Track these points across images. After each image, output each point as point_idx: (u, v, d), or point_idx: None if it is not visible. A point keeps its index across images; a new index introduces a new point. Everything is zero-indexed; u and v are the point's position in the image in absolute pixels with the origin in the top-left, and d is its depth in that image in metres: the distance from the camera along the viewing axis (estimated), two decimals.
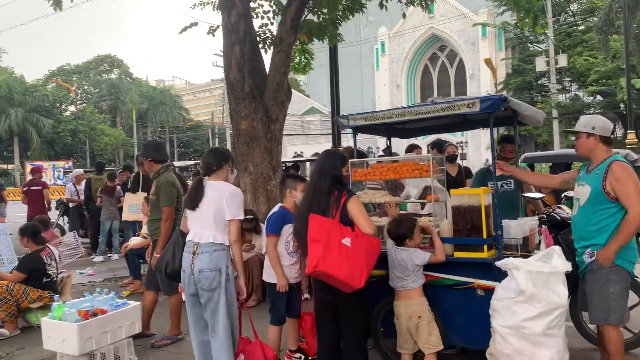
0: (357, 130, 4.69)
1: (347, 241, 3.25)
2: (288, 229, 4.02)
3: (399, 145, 8.65)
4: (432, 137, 7.31)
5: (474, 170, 6.67)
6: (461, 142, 33.35)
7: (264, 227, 6.44)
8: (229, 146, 41.11)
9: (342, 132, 11.68)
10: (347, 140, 24.36)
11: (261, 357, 3.74)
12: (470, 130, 5.87)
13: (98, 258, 9.63)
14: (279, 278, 3.95)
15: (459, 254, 3.74)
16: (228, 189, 3.61)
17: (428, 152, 6.08)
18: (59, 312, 4.31)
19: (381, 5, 8.27)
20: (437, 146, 6.05)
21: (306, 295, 5.24)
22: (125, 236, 9.42)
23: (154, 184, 4.97)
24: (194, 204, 3.61)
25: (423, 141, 7.22)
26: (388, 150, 5.41)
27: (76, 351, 4.09)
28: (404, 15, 10.16)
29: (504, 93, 31.60)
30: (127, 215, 8.93)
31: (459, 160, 6.90)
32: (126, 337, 4.45)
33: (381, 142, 23.51)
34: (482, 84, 36.42)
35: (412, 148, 6.38)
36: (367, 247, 3.29)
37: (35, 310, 5.46)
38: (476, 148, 36.00)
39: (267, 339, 4.10)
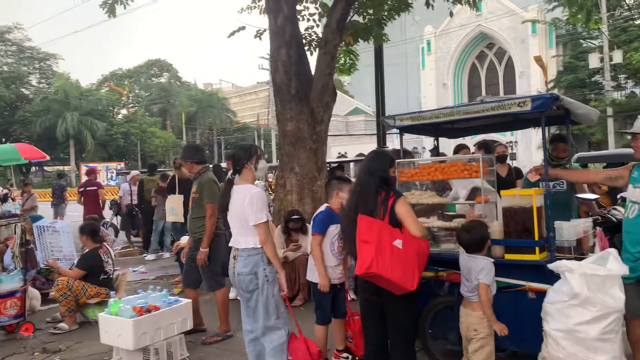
0: (403, 130, 4.67)
1: (398, 243, 3.22)
2: (333, 230, 4.04)
3: (446, 145, 8.54)
4: (480, 137, 7.15)
5: (524, 171, 6.50)
6: (511, 142, 32.55)
7: (310, 227, 6.51)
8: (274, 147, 41.55)
9: (387, 132, 11.62)
10: (392, 141, 24.16)
11: (305, 352, 3.76)
12: (520, 129, 5.75)
13: (150, 256, 9.93)
14: (321, 277, 3.97)
15: (509, 256, 3.67)
16: (249, 193, 3.62)
17: (474, 152, 5.95)
18: (115, 307, 4.48)
19: (427, 4, 8.19)
20: (484, 146, 5.92)
21: (352, 296, 5.26)
22: (174, 235, 9.67)
23: (195, 184, 5.15)
24: (223, 207, 3.74)
25: (470, 141, 7.08)
26: (435, 151, 5.36)
27: (131, 346, 4.24)
28: (451, 14, 10.04)
29: (555, 91, 30.63)
30: (168, 217, 9.17)
31: (508, 161, 6.75)
32: (178, 333, 4.58)
33: (427, 142, 23.24)
34: (532, 82, 35.43)
35: (460, 148, 6.27)
36: (418, 249, 3.26)
37: (93, 306, 5.69)
38: (526, 148, 35.03)
39: (314, 339, 4.14)
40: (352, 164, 14.59)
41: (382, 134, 11.37)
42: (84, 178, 13.27)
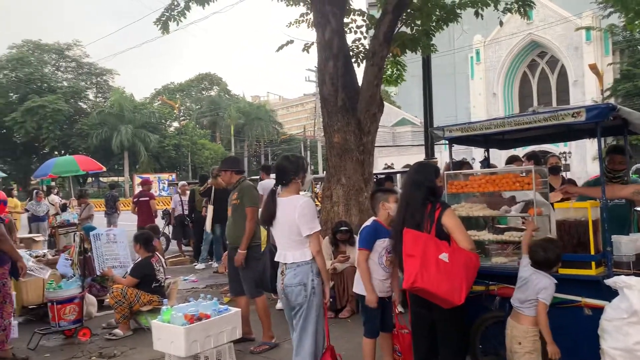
0: (452, 141, 4.62)
1: (444, 256, 3.18)
2: (381, 244, 4.01)
3: (497, 156, 8.38)
4: (532, 148, 6.97)
5: (579, 183, 6.30)
6: (564, 153, 31.48)
7: (357, 238, 6.50)
8: (320, 159, 41.75)
9: (435, 143, 11.50)
10: (440, 152, 23.87)
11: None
12: (574, 140, 5.58)
13: (200, 265, 10.15)
14: (369, 293, 3.92)
15: (564, 271, 3.55)
16: (298, 203, 3.58)
17: (525, 164, 5.80)
18: (167, 315, 4.60)
19: (477, 14, 8.10)
20: (533, 158, 5.76)
21: (400, 309, 5.21)
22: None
23: (235, 191, 5.30)
24: (268, 221, 3.71)
25: (522, 152, 6.91)
26: (486, 162, 5.27)
27: (183, 353, 4.33)
28: (500, 23, 9.88)
29: (612, 100, 29.49)
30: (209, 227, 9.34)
31: (562, 172, 6.55)
32: (228, 341, 4.66)
33: (476, 153, 22.81)
34: (587, 90, 34.23)
35: (512, 160, 6.13)
36: (466, 263, 3.21)
37: (146, 313, 5.86)
38: (581, 159, 33.80)
39: (363, 352, 4.13)
40: (399, 176, 14.48)
41: (430, 145, 11.26)
42: (137, 188, 13.71)
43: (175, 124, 55.81)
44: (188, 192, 11.59)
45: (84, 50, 50.16)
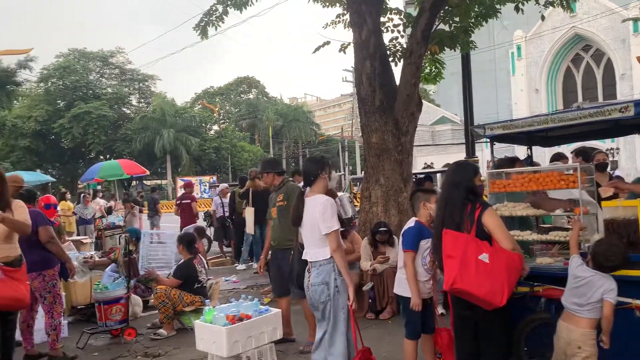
0: (494, 139, 4.53)
1: (484, 257, 3.13)
2: (424, 244, 3.97)
3: (540, 153, 8.17)
4: (576, 145, 6.75)
5: (627, 180, 6.06)
6: (612, 149, 30.38)
7: (396, 239, 6.45)
8: (358, 159, 41.66)
9: (476, 141, 11.29)
10: (481, 150, 23.42)
11: None
12: (622, 136, 5.38)
13: (241, 266, 10.27)
14: (414, 297, 3.88)
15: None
16: (319, 202, 3.65)
17: (573, 160, 5.62)
18: (209, 315, 4.67)
19: (517, 9, 7.91)
20: (582, 154, 5.57)
21: (441, 311, 5.14)
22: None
23: (279, 193, 5.31)
24: (297, 221, 3.80)
25: (566, 149, 6.67)
26: (529, 160, 5.14)
27: (225, 353, 4.39)
28: (542, 18, 9.62)
29: None
30: (250, 229, 9.43)
31: (609, 169, 6.32)
32: (269, 342, 4.70)
33: (518, 151, 22.30)
34: (635, 84, 32.93)
35: (557, 157, 5.94)
36: (508, 263, 3.14)
37: (189, 313, 5.98)
38: (630, 155, 32.53)
39: (404, 353, 4.09)
40: (438, 175, 14.29)
41: (471, 144, 11.06)
42: (180, 191, 14.02)
43: (215, 127, 56.72)
44: (228, 195, 11.75)
45: (127, 57, 51.58)
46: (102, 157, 45.77)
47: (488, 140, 4.62)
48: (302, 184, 3.97)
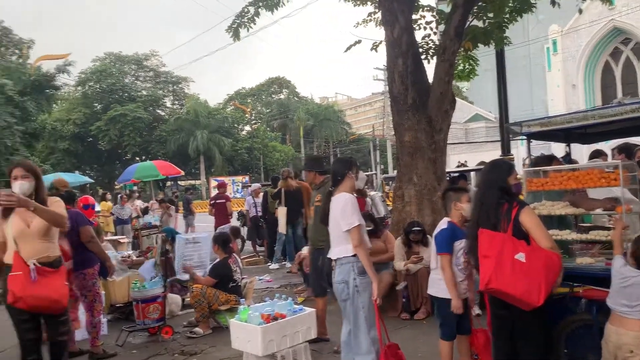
0: (531, 137, 4.44)
1: (521, 256, 3.08)
2: (458, 245, 3.94)
3: (577, 151, 7.96)
4: (615, 142, 6.55)
5: None
6: None
7: (430, 239, 6.38)
8: (390, 158, 41.40)
9: (512, 139, 11.07)
10: (516, 147, 22.95)
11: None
12: None
13: (274, 265, 10.34)
14: (455, 299, 3.85)
15: None
16: (339, 200, 3.70)
17: (613, 157, 5.45)
18: (244, 314, 4.72)
19: (553, 3, 7.71)
20: (625, 151, 5.39)
21: (477, 311, 5.06)
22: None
23: (318, 192, 5.29)
24: (324, 219, 3.87)
25: (606, 145, 6.48)
26: (567, 158, 5.01)
27: (260, 352, 4.43)
28: (580, 11, 9.37)
29: None
30: (282, 228, 9.47)
31: None
32: (303, 341, 4.71)
33: (555, 148, 21.79)
34: None
35: (597, 154, 5.78)
36: (546, 262, 3.08)
37: (224, 312, 6.05)
38: None
39: (440, 354, 4.05)
40: (473, 174, 14.07)
41: (507, 141, 10.85)
42: (213, 191, 14.23)
43: (247, 127, 57.29)
44: (261, 194, 11.84)
45: (161, 60, 52.61)
46: (137, 159, 46.74)
47: (525, 137, 4.52)
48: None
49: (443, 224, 4.07)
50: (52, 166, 39.72)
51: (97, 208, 13.26)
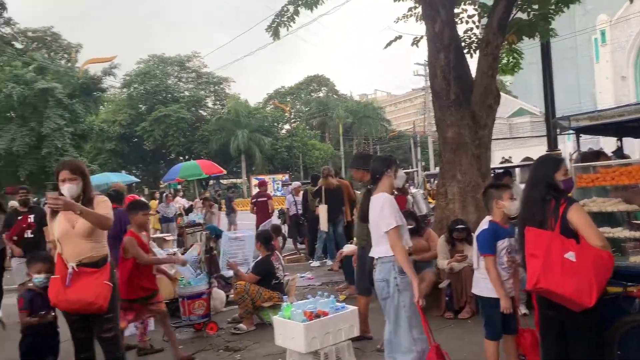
0: (580, 131, 4.30)
1: (570, 255, 2.98)
2: (500, 245, 3.86)
3: (629, 145, 7.66)
4: None
5: None
6: None
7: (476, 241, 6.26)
8: (431, 154, 40.87)
9: (559, 133, 10.75)
10: (563, 142, 22.27)
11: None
12: None
13: (315, 263, 10.38)
14: (503, 300, 3.77)
15: None
16: (378, 201, 3.67)
17: None
18: (287, 311, 4.76)
19: None
20: None
21: (524, 311, 4.95)
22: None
23: (365, 192, 5.24)
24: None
25: None
26: (619, 152, 4.83)
27: (303, 349, 4.46)
28: (631, 0, 8.98)
29: None
30: (324, 226, 9.47)
31: None
32: (346, 339, 4.71)
33: (604, 143, 21.00)
34: None
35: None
36: (596, 261, 2.97)
37: (267, 309, 6.12)
38: None
39: (485, 354, 3.98)
40: (518, 170, 13.73)
41: (553, 136, 10.54)
42: (254, 190, 14.41)
43: (287, 126, 57.66)
44: (301, 193, 11.90)
45: (203, 61, 53.52)
46: (181, 158, 47.76)
47: (572, 132, 4.37)
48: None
49: (484, 223, 3.99)
50: (99, 166, 41.02)
51: None
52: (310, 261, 10.72)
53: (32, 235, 6.95)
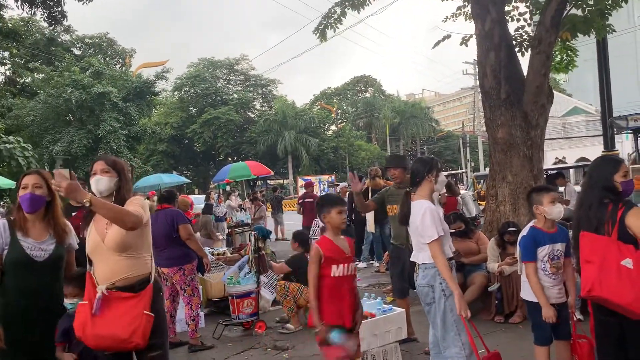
0: (638, 131, 4.11)
1: (628, 262, 2.85)
2: (541, 251, 3.74)
3: None
4: None
5: None
6: None
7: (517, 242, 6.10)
8: (480, 155, 40.03)
9: (617, 133, 10.33)
10: (620, 142, 21.36)
11: None
12: None
13: (362, 264, 10.36)
14: (545, 308, 3.66)
15: None
16: (419, 209, 3.55)
17: None
18: None
19: None
20: None
21: (578, 316, 4.78)
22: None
23: (405, 193, 5.20)
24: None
25: None
26: None
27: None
28: None
29: None
30: (371, 227, 9.43)
31: None
32: (393, 341, 4.69)
33: None
34: None
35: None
36: None
37: None
38: None
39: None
40: (572, 171, 13.28)
41: (610, 136, 10.13)
42: (300, 190, 14.53)
43: (333, 127, 57.76)
44: (347, 193, 11.89)
45: (250, 64, 54.36)
46: (230, 159, 48.67)
47: (630, 132, 4.19)
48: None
49: (525, 229, 3.88)
50: (152, 167, 42.36)
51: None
52: (357, 262, 10.70)
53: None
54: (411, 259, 3.80)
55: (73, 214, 5.63)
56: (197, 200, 16.79)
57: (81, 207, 5.35)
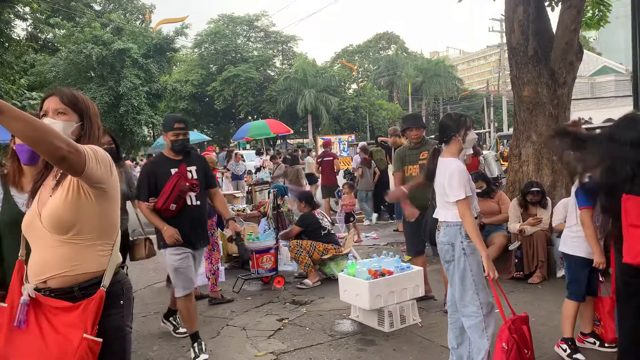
0: None
1: None
2: None
3: None
4: None
5: None
6: None
7: (549, 200, 6.03)
8: (504, 115, 39.26)
9: None
10: None
11: (506, 334, 3.44)
12: None
13: (370, 221, 10.73)
14: (598, 255, 3.62)
15: None
16: (449, 168, 3.45)
17: None
18: (352, 269, 4.82)
19: None
20: None
21: (601, 278, 4.74)
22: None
23: (422, 150, 5.18)
24: (429, 176, 3.68)
25: None
26: None
27: (367, 306, 4.51)
28: None
29: None
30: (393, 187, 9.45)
31: None
32: (410, 298, 4.72)
33: None
34: None
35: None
36: None
37: (328, 262, 6.27)
38: None
39: (562, 314, 3.88)
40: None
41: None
42: (320, 149, 14.48)
43: (354, 85, 57.02)
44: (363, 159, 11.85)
45: (271, 20, 53.56)
46: (250, 118, 48.58)
47: None
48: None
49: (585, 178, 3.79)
50: None
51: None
52: (369, 219, 10.85)
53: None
54: (434, 216, 3.76)
55: None
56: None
57: None
